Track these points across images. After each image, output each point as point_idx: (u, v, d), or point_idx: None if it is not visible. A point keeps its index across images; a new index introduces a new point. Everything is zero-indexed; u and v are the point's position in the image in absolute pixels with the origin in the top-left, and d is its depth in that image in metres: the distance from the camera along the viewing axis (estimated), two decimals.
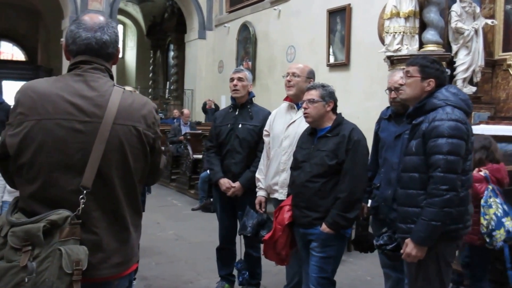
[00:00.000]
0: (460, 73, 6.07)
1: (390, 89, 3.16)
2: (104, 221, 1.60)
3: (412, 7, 6.25)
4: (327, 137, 2.91)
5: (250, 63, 11.60)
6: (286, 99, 3.48)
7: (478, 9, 6.21)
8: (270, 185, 3.43)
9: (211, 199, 6.95)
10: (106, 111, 1.59)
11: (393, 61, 6.43)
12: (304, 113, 2.97)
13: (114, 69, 1.87)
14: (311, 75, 3.40)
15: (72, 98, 1.58)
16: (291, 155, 3.18)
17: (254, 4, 11.78)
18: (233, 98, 3.86)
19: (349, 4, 8.53)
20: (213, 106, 11.30)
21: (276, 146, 3.41)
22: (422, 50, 6.23)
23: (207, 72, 13.89)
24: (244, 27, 12.00)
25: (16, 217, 1.53)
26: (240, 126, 3.74)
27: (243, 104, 3.82)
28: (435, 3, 6.23)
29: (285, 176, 3.28)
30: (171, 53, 17.25)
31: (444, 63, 5.71)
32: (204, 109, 11.67)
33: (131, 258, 1.71)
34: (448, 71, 4.38)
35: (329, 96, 2.95)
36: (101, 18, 1.74)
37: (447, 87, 2.54)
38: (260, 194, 3.54)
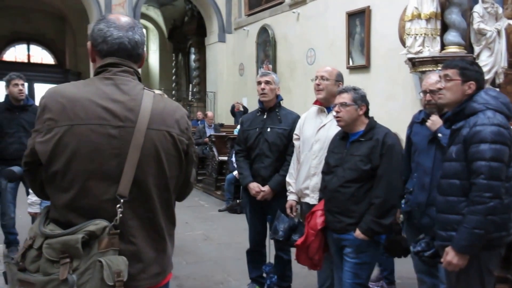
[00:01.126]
0: None
1: (425, 92, 3.06)
2: (141, 230, 1.56)
3: (433, 9, 6.16)
4: (360, 142, 2.85)
5: (270, 66, 11.63)
6: (315, 102, 3.46)
7: (500, 10, 6.09)
8: (301, 189, 3.41)
9: (238, 201, 7.06)
10: (139, 115, 1.53)
11: (415, 63, 6.38)
12: (337, 117, 2.92)
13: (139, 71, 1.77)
14: (339, 78, 3.40)
15: (104, 103, 1.52)
16: (322, 159, 3.15)
17: (273, 7, 11.76)
18: (260, 102, 3.84)
19: (369, 6, 8.47)
20: (241, 109, 11.38)
21: (306, 150, 3.39)
22: (443, 51, 6.16)
23: (228, 74, 13.96)
24: (263, 30, 12.02)
25: (50, 229, 1.48)
26: (268, 130, 3.73)
27: (271, 108, 3.81)
28: (457, 4, 6.12)
29: (316, 180, 3.25)
30: (193, 56, 17.36)
31: None
32: (233, 111, 11.79)
33: (167, 267, 1.68)
34: None
35: (361, 100, 2.90)
36: (128, 18, 1.67)
37: (486, 90, 2.44)
38: (291, 198, 3.53)
